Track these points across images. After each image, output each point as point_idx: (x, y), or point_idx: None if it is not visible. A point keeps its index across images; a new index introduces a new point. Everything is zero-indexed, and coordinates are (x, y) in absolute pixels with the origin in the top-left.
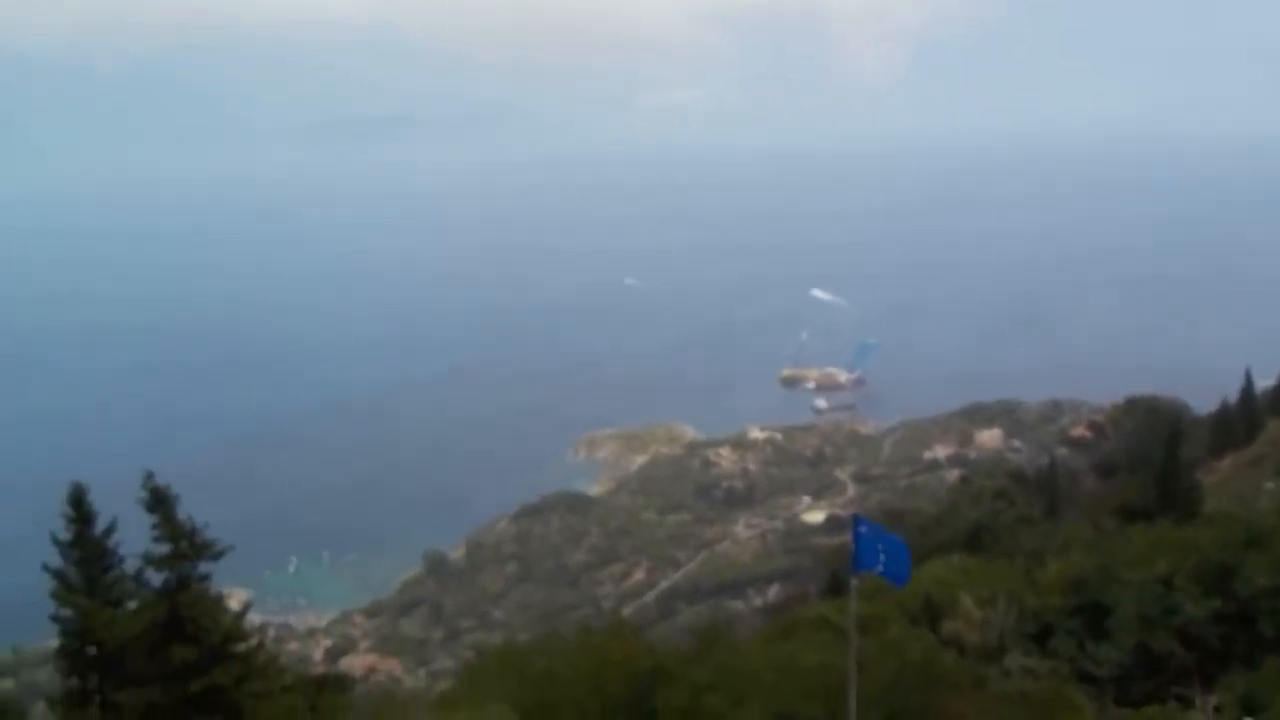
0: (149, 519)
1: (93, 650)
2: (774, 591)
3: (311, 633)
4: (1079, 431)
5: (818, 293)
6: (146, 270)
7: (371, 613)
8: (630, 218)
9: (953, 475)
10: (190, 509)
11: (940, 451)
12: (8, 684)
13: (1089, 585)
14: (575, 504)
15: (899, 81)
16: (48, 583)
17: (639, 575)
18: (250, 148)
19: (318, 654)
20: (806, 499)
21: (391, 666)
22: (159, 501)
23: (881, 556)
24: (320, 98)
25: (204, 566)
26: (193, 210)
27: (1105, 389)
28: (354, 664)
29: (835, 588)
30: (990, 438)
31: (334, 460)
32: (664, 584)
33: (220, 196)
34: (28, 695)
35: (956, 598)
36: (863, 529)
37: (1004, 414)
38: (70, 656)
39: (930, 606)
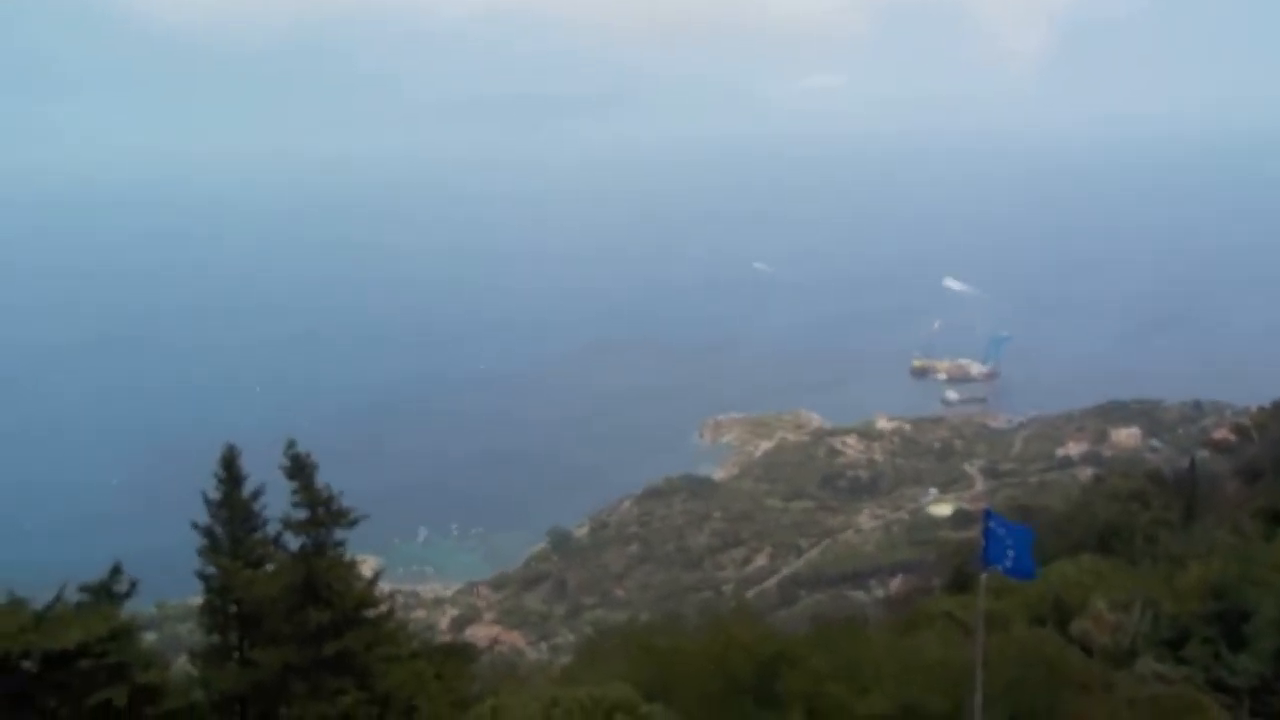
0: (289, 485)
1: (233, 608)
2: (896, 583)
3: (438, 602)
4: (1221, 434)
5: (951, 282)
6: (294, 247)
7: (496, 585)
8: (761, 203)
9: (1086, 474)
10: (328, 477)
11: (1073, 449)
12: (151, 637)
13: (1228, 591)
14: (699, 487)
15: (1045, 68)
16: (193, 541)
17: (760, 561)
18: (393, 125)
19: (444, 623)
20: (933, 491)
21: (514, 639)
22: (299, 468)
23: (1010, 553)
24: (443, 75)
25: (339, 533)
26: (342, 187)
27: (1250, 391)
28: (478, 634)
29: (959, 582)
30: (1127, 437)
31: (464, 434)
32: (785, 570)
33: (368, 173)
34: (170, 649)
35: (1086, 599)
36: (993, 524)
37: (1142, 413)
38: (212, 613)
39: (1059, 607)
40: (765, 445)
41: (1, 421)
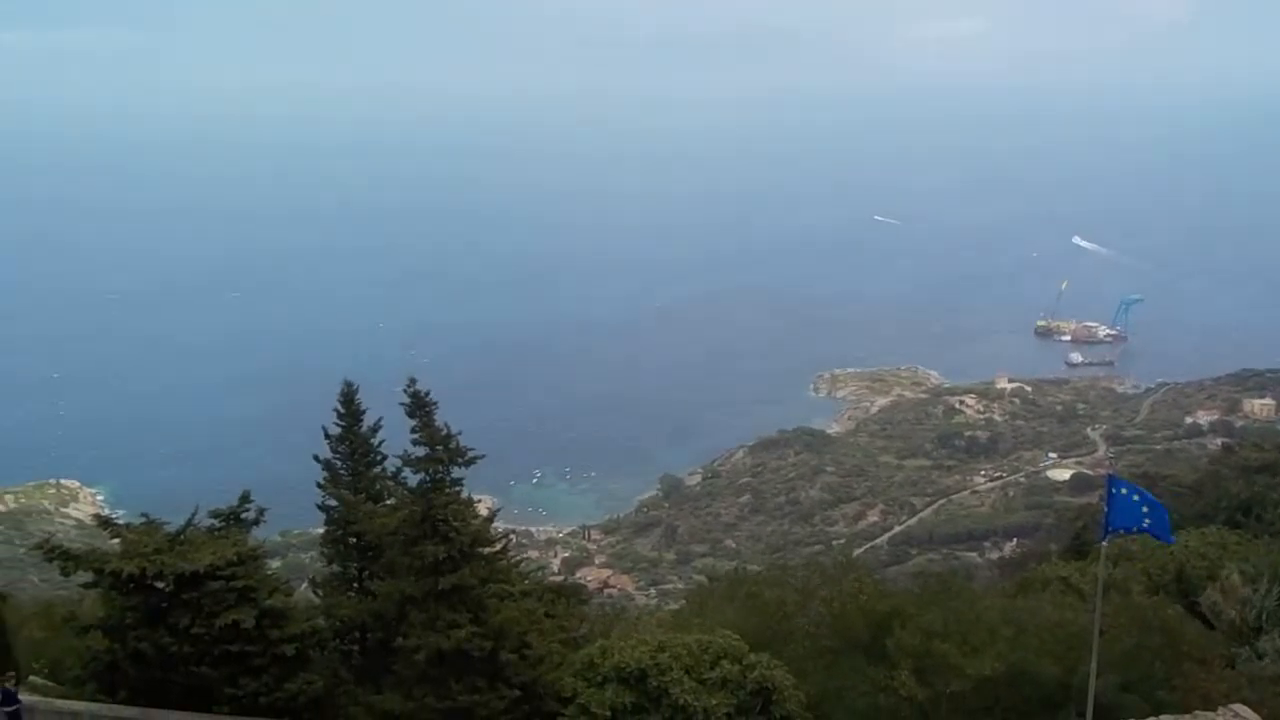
0: (409, 422)
1: (353, 540)
2: (1011, 546)
3: (550, 543)
4: None
5: (1080, 240)
6: (425, 185)
7: (608, 529)
8: (893, 152)
9: (1215, 444)
10: (447, 416)
11: (1203, 417)
12: (275, 564)
13: None
14: (813, 440)
15: (1195, 15)
16: (315, 473)
17: (872, 517)
18: (523, 65)
19: (555, 564)
20: (1052, 455)
21: (623, 582)
22: (419, 406)
23: (1146, 520)
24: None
25: (457, 471)
26: (473, 127)
27: None
28: (589, 576)
29: (1077, 548)
30: (1261, 407)
31: (581, 378)
32: (897, 528)
33: (494, 114)
34: (293, 576)
35: (1210, 571)
36: (1117, 489)
37: (1278, 382)
38: (334, 544)
39: (1181, 578)
40: (881, 401)
41: (144, 358)
